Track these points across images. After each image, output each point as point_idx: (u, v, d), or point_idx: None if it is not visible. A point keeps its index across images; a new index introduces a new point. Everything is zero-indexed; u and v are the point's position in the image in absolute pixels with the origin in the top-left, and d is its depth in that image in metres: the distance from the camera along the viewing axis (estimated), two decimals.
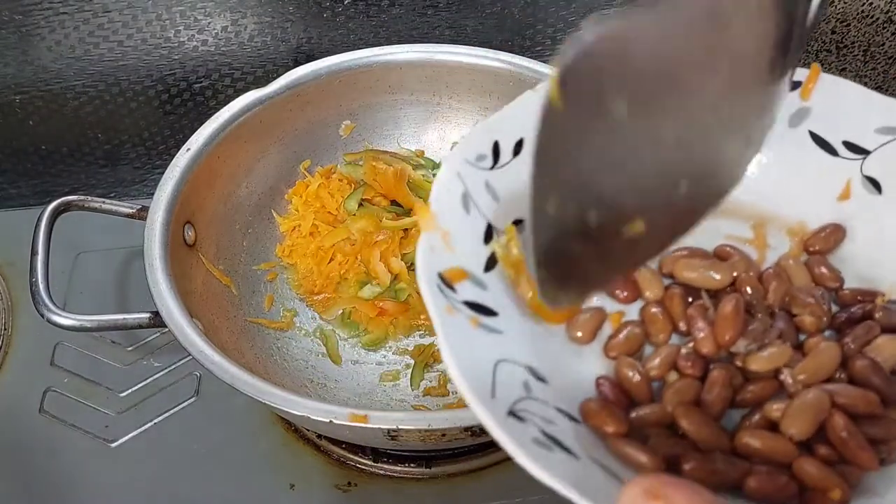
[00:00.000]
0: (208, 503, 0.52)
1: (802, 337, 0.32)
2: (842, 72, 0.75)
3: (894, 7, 0.69)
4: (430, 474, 0.53)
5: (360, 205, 0.61)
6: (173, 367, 0.58)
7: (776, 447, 0.28)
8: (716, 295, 0.33)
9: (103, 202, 0.53)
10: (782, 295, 0.33)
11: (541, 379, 0.30)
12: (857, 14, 0.70)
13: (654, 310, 0.33)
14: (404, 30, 0.66)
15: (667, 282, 0.34)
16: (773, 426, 0.29)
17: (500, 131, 0.34)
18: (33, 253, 0.49)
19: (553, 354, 0.32)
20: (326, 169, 0.63)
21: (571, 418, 0.29)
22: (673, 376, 0.31)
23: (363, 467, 0.53)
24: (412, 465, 0.53)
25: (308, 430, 0.55)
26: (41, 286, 0.47)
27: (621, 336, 0.32)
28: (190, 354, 0.44)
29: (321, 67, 0.59)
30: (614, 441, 0.29)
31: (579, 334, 0.32)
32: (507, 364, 0.29)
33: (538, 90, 0.34)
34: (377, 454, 0.53)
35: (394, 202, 0.62)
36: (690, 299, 0.33)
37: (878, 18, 0.70)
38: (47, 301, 0.47)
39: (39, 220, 0.50)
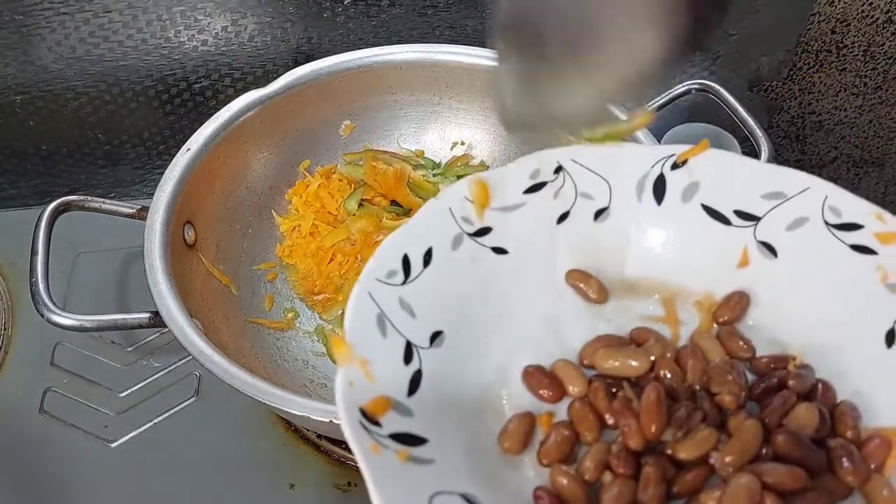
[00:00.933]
0: (208, 503, 0.52)
1: (725, 412, 0.33)
2: (842, 72, 0.75)
3: (894, 7, 0.69)
4: None
5: (360, 205, 0.61)
6: (173, 367, 0.58)
7: None
8: (638, 382, 0.33)
9: (103, 202, 0.53)
10: (700, 374, 0.33)
11: None
12: (857, 14, 0.70)
13: (580, 407, 0.33)
14: (404, 30, 0.66)
15: (590, 374, 0.35)
16: None
17: (407, 243, 0.34)
18: (33, 253, 0.49)
19: (489, 471, 0.31)
20: (326, 169, 0.63)
21: None
22: (608, 477, 0.31)
23: None
24: None
25: (308, 430, 0.55)
26: (41, 286, 0.47)
27: (551, 441, 0.32)
28: (190, 354, 0.44)
29: (321, 67, 0.59)
30: None
31: (508, 445, 0.32)
32: (442, 497, 0.28)
33: (439, 199, 0.35)
34: None
35: (394, 202, 0.62)
36: (615, 390, 0.33)
37: (878, 18, 0.70)
38: (47, 301, 0.47)
39: (39, 220, 0.50)
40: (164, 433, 0.55)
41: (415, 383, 0.31)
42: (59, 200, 0.51)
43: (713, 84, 0.59)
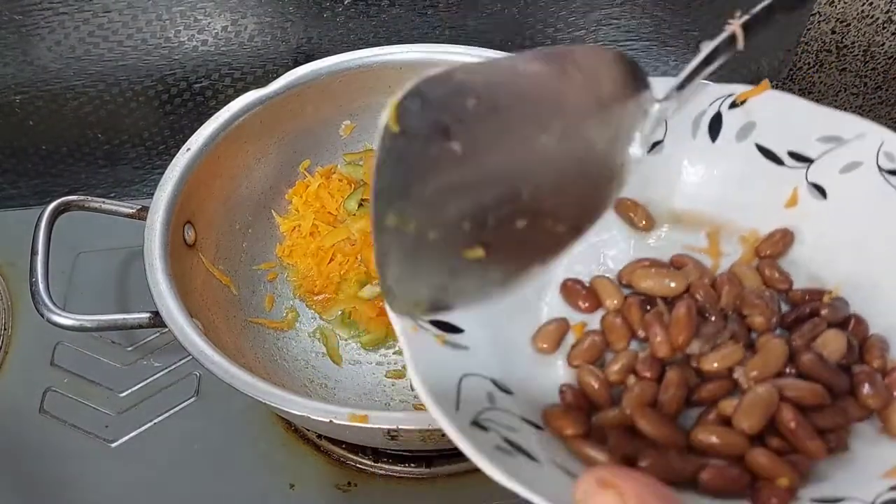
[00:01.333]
0: (208, 503, 0.52)
1: (754, 336, 0.33)
2: (842, 72, 0.75)
3: (894, 7, 0.69)
4: (430, 474, 0.53)
5: (360, 205, 0.61)
6: (173, 367, 0.58)
7: (729, 441, 0.29)
8: (672, 302, 0.34)
9: (103, 202, 0.53)
10: (734, 298, 0.34)
11: (506, 391, 0.31)
12: (857, 14, 0.70)
13: (613, 319, 0.35)
14: (404, 30, 0.66)
15: (626, 292, 0.36)
16: (726, 422, 0.30)
17: None
18: (33, 253, 0.49)
19: (519, 366, 0.33)
20: (326, 169, 0.63)
21: (535, 426, 0.30)
22: (632, 380, 0.32)
23: (363, 467, 0.53)
24: (412, 465, 0.53)
25: (308, 430, 0.55)
26: (41, 286, 0.47)
27: (583, 345, 0.34)
28: (190, 354, 0.44)
29: (321, 67, 0.59)
30: (574, 442, 0.30)
31: (544, 345, 0.34)
32: (472, 378, 0.30)
33: None
34: (377, 454, 0.53)
35: None
36: (648, 307, 0.35)
37: (878, 18, 0.70)
38: (47, 301, 0.47)
39: (39, 219, 0.50)
40: (164, 433, 0.55)
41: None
42: (59, 200, 0.51)
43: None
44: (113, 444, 0.54)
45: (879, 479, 0.28)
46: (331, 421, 0.41)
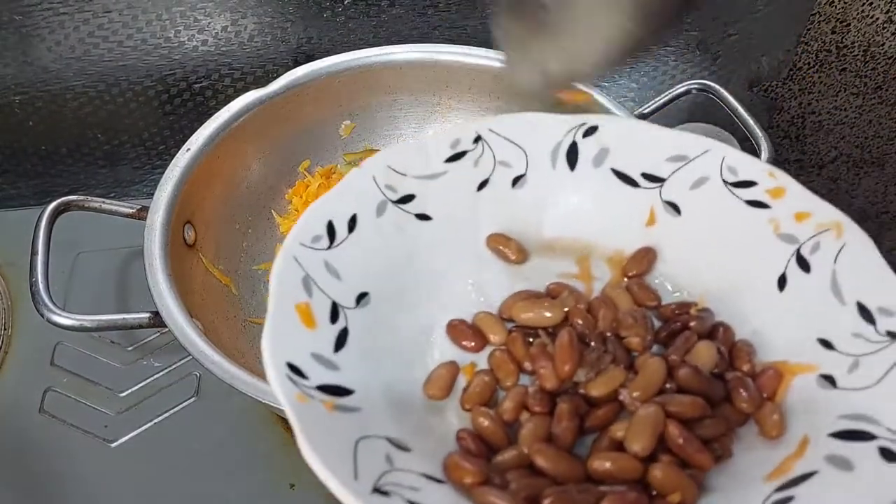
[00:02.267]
0: (208, 503, 0.52)
1: (634, 356, 0.35)
2: (842, 72, 0.75)
3: (894, 7, 0.69)
4: None
5: None
6: (173, 367, 0.58)
7: (624, 466, 0.30)
8: (554, 332, 0.35)
9: (103, 202, 0.53)
10: (610, 321, 0.36)
11: (403, 448, 0.30)
12: (857, 14, 0.70)
13: (500, 355, 0.35)
14: (404, 30, 0.66)
15: (509, 326, 0.37)
16: (619, 446, 0.31)
17: (332, 210, 0.35)
18: (33, 253, 0.49)
19: (414, 419, 0.33)
20: (326, 169, 0.63)
21: (438, 481, 0.30)
22: (525, 416, 0.33)
23: None
24: None
25: None
26: (41, 286, 0.47)
27: (474, 387, 0.34)
28: (190, 354, 0.44)
29: (321, 67, 0.59)
30: (475, 492, 0.29)
31: (435, 392, 0.34)
32: (367, 441, 0.29)
33: (363, 168, 0.37)
34: None
35: None
36: (531, 340, 0.36)
37: (878, 18, 0.70)
38: (47, 301, 0.47)
39: (39, 219, 0.50)
40: (164, 433, 0.55)
41: (341, 340, 0.33)
42: (59, 200, 0.51)
43: (713, 84, 0.59)
44: (113, 444, 0.54)
45: (764, 483, 0.29)
46: None
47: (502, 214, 0.39)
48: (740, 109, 0.57)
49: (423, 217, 0.38)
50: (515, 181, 0.40)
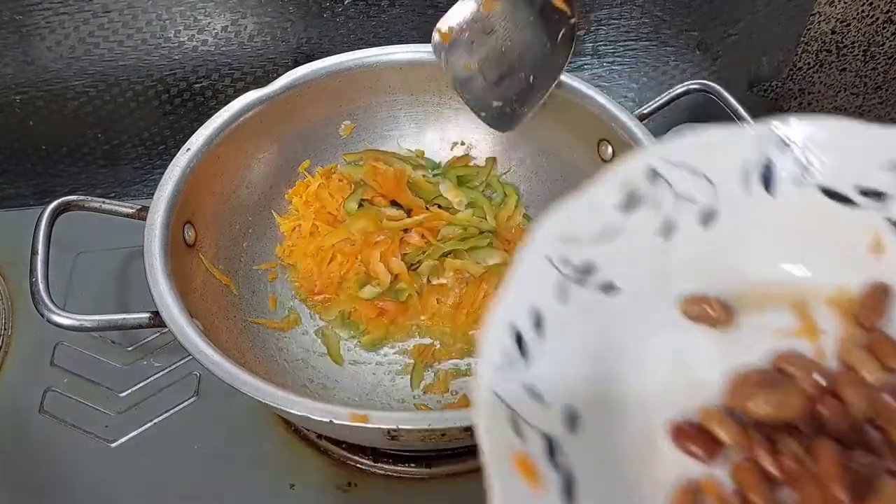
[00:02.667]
0: (208, 503, 0.52)
1: None
2: (842, 72, 0.75)
3: (894, 7, 0.69)
4: (430, 474, 0.53)
5: (360, 205, 0.61)
6: (173, 367, 0.58)
7: None
8: (797, 426, 0.30)
9: (103, 202, 0.53)
10: (863, 404, 0.30)
11: None
12: (857, 14, 0.70)
13: (745, 468, 0.30)
14: (404, 30, 0.66)
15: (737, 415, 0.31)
16: None
17: (514, 314, 0.30)
18: (33, 253, 0.49)
19: None
20: (326, 169, 0.63)
21: None
22: None
23: (363, 467, 0.53)
24: (412, 465, 0.53)
25: (308, 430, 0.55)
26: (41, 286, 0.47)
27: None
28: (190, 354, 0.44)
29: (321, 67, 0.59)
30: None
31: None
32: None
33: (530, 245, 0.32)
34: (377, 454, 0.53)
35: (394, 202, 0.62)
36: (775, 441, 0.30)
37: (878, 18, 0.70)
38: (47, 301, 0.47)
39: (39, 219, 0.50)
40: (164, 433, 0.55)
41: (567, 488, 0.28)
42: (59, 200, 0.51)
43: (713, 84, 0.59)
44: (113, 444, 0.54)
45: None
46: (331, 421, 0.41)
47: (697, 265, 0.33)
48: (740, 109, 0.57)
49: (609, 289, 0.32)
50: (705, 219, 0.34)
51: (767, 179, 0.33)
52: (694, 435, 0.31)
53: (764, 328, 0.33)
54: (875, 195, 0.33)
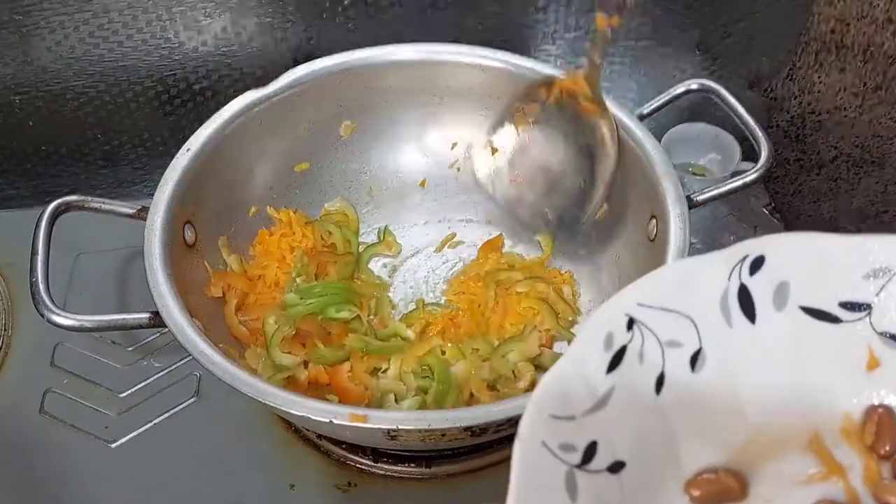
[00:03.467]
0: (208, 503, 0.52)
1: None
2: (842, 72, 0.75)
3: (894, 7, 0.69)
4: (430, 474, 0.53)
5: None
6: (173, 367, 0.58)
7: None
8: None
9: (103, 202, 0.53)
10: None
11: None
12: (857, 14, 0.70)
13: None
14: (404, 30, 0.66)
15: None
16: None
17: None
18: (33, 253, 0.49)
19: None
20: (287, 215, 0.61)
21: None
22: None
23: (363, 467, 0.53)
24: (412, 465, 0.53)
25: (308, 431, 0.55)
26: (41, 286, 0.47)
27: None
28: (190, 354, 0.44)
29: (321, 67, 0.59)
30: None
31: None
32: None
33: (522, 438, 0.28)
34: (377, 454, 0.53)
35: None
36: None
37: (878, 18, 0.70)
38: (47, 301, 0.47)
39: (39, 220, 0.50)
40: (164, 433, 0.55)
41: None
42: (59, 201, 0.51)
43: (713, 84, 0.59)
44: (113, 445, 0.54)
45: None
46: (331, 421, 0.41)
47: (695, 415, 0.31)
48: (740, 109, 0.57)
49: (616, 467, 0.30)
50: (693, 361, 0.32)
51: (747, 307, 0.32)
52: None
53: (786, 480, 0.31)
54: (858, 307, 0.31)
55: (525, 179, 0.58)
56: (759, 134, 0.55)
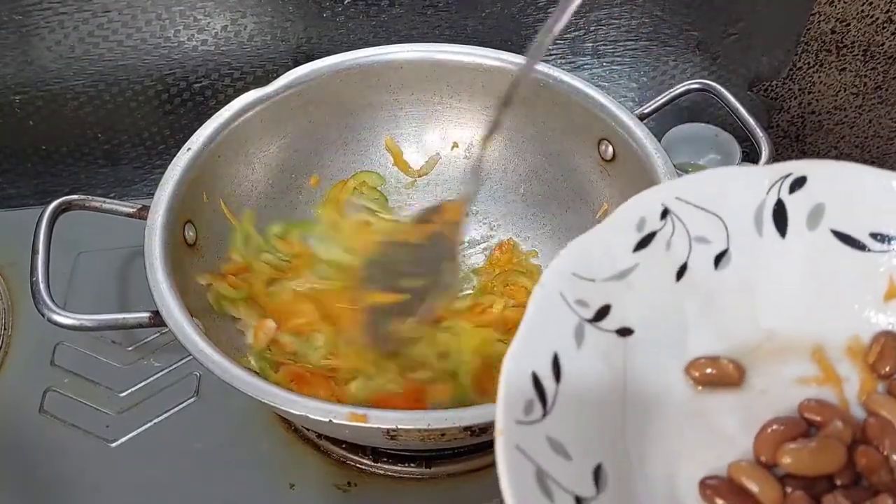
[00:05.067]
0: (208, 503, 0.52)
1: None
2: (842, 72, 0.75)
3: (894, 7, 0.69)
4: (430, 474, 0.53)
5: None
6: (173, 366, 0.58)
7: None
8: (840, 481, 0.29)
9: (104, 201, 0.53)
10: None
11: None
12: (857, 14, 0.70)
13: None
14: (404, 30, 0.66)
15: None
16: None
17: (532, 359, 0.29)
18: (34, 252, 0.49)
19: None
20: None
21: None
22: None
23: (363, 467, 0.53)
24: (412, 465, 0.53)
25: (308, 430, 0.55)
26: (41, 285, 0.47)
27: None
28: (190, 354, 0.44)
29: (321, 67, 0.59)
30: None
31: None
32: None
33: (545, 285, 0.31)
34: (377, 454, 0.53)
35: None
36: (811, 495, 0.29)
37: (878, 18, 0.70)
38: (47, 300, 0.46)
39: (40, 218, 0.50)
40: (165, 433, 0.55)
41: None
42: (60, 199, 0.51)
43: (713, 84, 0.59)
44: (113, 444, 0.54)
45: None
46: (330, 420, 0.41)
47: (709, 307, 0.33)
48: (740, 109, 0.57)
49: (625, 332, 0.32)
50: (718, 260, 0.33)
51: (780, 221, 0.33)
52: (729, 494, 0.29)
53: (784, 377, 0.32)
54: (887, 239, 0.32)
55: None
56: (760, 134, 0.55)
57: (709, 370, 0.32)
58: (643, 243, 0.33)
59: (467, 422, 0.41)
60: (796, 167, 0.33)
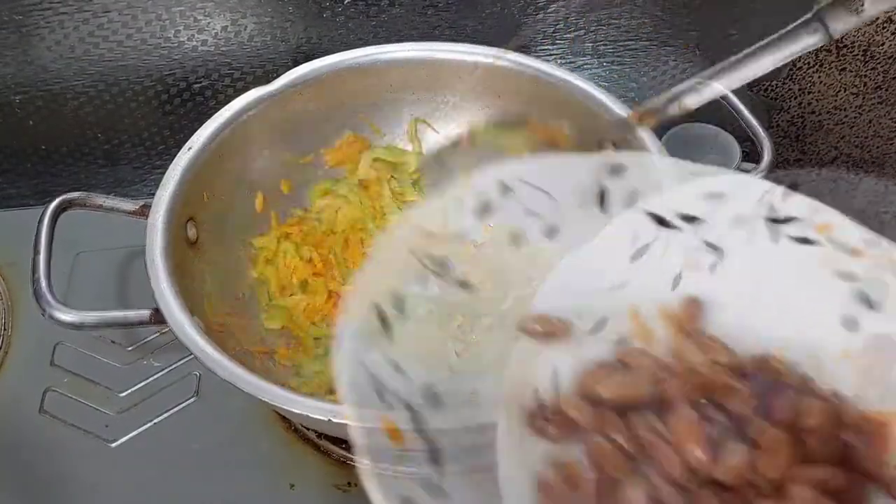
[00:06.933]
0: (208, 503, 0.52)
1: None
2: (842, 72, 0.75)
3: (894, 7, 0.69)
4: None
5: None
6: (173, 366, 0.58)
7: None
8: (654, 407, 0.32)
9: (106, 199, 0.53)
10: (702, 385, 0.32)
11: None
12: None
13: (602, 445, 0.31)
14: (404, 30, 0.66)
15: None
16: None
17: (375, 295, 0.33)
18: (35, 250, 0.48)
19: None
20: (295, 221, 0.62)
21: None
22: None
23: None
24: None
25: (308, 430, 0.55)
26: (43, 283, 0.47)
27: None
28: (191, 352, 0.44)
29: (321, 67, 0.59)
30: None
31: None
32: None
33: (393, 234, 0.36)
34: None
35: None
36: (625, 419, 0.32)
37: (878, 18, 0.70)
38: (49, 297, 0.46)
39: (42, 217, 0.50)
40: (165, 433, 0.55)
41: (435, 458, 0.31)
42: (61, 198, 0.51)
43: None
44: (113, 444, 0.54)
45: None
46: (330, 420, 0.41)
47: (540, 272, 0.36)
48: (741, 109, 0.57)
49: (464, 286, 0.36)
50: (550, 232, 0.38)
51: (604, 202, 0.37)
52: (549, 418, 0.32)
53: (606, 334, 0.35)
54: (693, 220, 0.36)
55: None
56: (762, 134, 0.55)
57: (539, 327, 0.35)
58: (480, 211, 0.37)
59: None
60: (618, 157, 0.38)
